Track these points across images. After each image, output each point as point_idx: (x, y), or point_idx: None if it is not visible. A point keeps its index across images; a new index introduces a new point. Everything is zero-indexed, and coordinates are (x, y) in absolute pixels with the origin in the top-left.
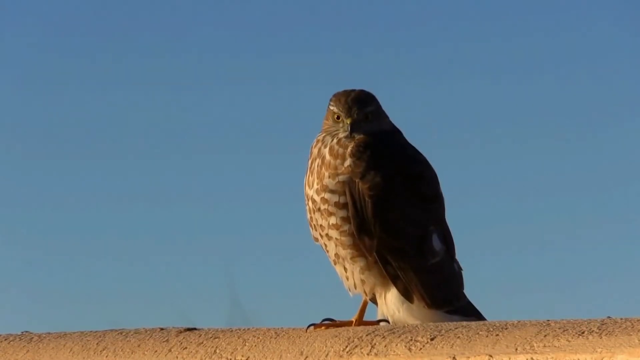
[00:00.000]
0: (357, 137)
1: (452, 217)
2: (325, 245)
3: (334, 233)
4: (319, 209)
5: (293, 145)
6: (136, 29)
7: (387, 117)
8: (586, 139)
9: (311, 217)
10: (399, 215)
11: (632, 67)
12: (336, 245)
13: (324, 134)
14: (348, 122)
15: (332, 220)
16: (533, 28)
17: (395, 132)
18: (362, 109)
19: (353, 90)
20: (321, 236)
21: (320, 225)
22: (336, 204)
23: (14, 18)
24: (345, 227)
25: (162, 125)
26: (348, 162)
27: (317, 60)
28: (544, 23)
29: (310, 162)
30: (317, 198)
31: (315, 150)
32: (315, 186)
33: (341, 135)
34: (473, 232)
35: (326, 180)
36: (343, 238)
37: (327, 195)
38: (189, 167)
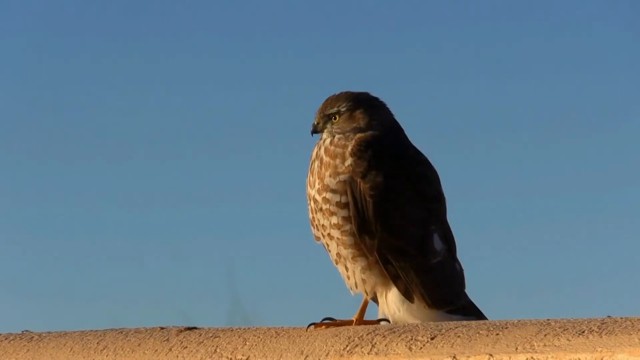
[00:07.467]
0: (358, 135)
1: (453, 217)
2: (327, 245)
3: (335, 233)
4: (320, 209)
5: (293, 145)
6: (137, 29)
7: (377, 118)
8: (586, 139)
9: (313, 217)
10: (400, 215)
11: (631, 67)
12: (338, 245)
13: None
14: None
15: (334, 219)
16: (534, 29)
17: (396, 132)
18: (322, 112)
19: (336, 93)
20: (323, 236)
21: (322, 225)
22: (337, 204)
23: (14, 18)
24: (347, 227)
25: (162, 127)
26: (349, 161)
27: (318, 60)
28: (544, 24)
29: (310, 163)
30: (318, 198)
31: (314, 153)
32: (317, 186)
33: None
34: (473, 232)
35: (327, 180)
36: (344, 238)
37: (328, 195)
38: (189, 167)
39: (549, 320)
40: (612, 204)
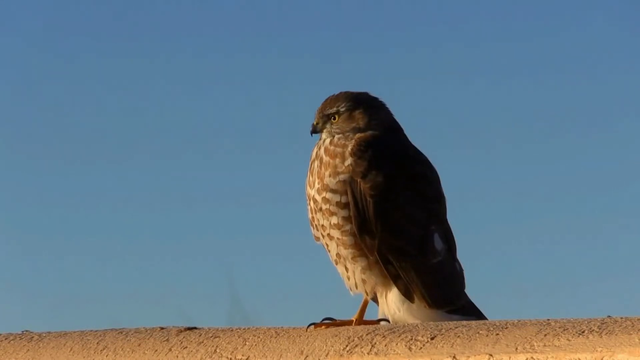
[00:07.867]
0: (358, 135)
1: (453, 217)
2: (327, 245)
3: (335, 233)
4: (320, 209)
5: (293, 145)
6: (136, 29)
7: (376, 118)
8: (585, 139)
9: (313, 217)
10: (400, 215)
11: (631, 67)
12: (337, 245)
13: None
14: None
15: (334, 220)
16: (534, 29)
17: (396, 131)
18: (321, 112)
19: (335, 93)
20: (323, 236)
21: (322, 225)
22: (338, 204)
23: (14, 18)
24: (347, 227)
25: (162, 127)
26: (349, 161)
27: (318, 60)
28: (544, 24)
29: (310, 163)
30: (318, 198)
31: (313, 153)
32: (317, 186)
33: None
34: (474, 232)
35: (327, 180)
36: (344, 238)
37: (328, 195)
38: (189, 167)
39: (549, 320)
40: (612, 203)
